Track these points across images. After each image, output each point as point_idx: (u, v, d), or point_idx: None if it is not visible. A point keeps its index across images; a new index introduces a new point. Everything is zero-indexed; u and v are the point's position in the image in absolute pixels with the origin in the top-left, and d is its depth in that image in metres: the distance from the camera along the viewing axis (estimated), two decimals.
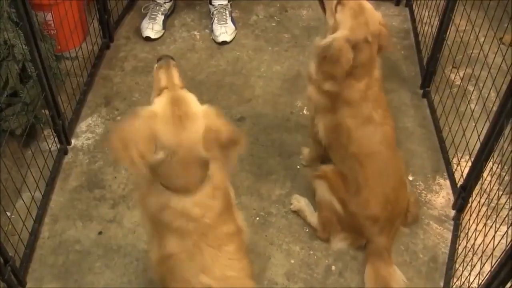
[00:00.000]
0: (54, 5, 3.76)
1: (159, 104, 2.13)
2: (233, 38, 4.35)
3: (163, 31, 4.37)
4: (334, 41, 2.74)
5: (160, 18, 4.36)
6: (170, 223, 2.23)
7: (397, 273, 2.95)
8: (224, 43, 4.29)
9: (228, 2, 4.41)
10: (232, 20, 4.38)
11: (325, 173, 3.09)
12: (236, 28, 4.39)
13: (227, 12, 4.35)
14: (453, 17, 3.53)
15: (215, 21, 4.33)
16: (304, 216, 3.24)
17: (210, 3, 4.42)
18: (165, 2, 4.40)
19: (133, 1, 4.62)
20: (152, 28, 4.29)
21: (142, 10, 4.44)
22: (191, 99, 2.18)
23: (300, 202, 3.28)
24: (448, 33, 3.61)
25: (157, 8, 4.36)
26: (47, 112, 3.38)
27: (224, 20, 4.32)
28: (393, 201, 2.97)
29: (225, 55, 4.24)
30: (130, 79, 4.03)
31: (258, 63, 4.18)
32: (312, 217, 3.20)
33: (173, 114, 2.07)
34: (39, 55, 3.07)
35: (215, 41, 4.32)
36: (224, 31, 4.28)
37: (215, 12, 4.35)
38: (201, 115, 2.12)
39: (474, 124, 3.19)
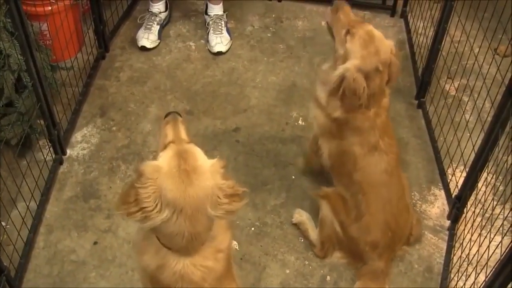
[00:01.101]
0: (49, 15, 3.76)
1: (165, 158, 2.02)
2: (229, 49, 4.36)
3: (158, 41, 4.38)
4: (348, 72, 2.72)
5: (156, 28, 4.36)
6: (168, 285, 2.10)
7: None
8: (219, 53, 4.30)
9: (224, 12, 4.41)
10: (228, 31, 4.39)
11: (327, 194, 3.08)
12: (231, 39, 4.40)
13: (222, 23, 4.36)
14: (448, 28, 3.54)
15: (211, 31, 4.33)
16: (305, 229, 3.23)
17: (206, 13, 4.43)
18: (160, 12, 4.41)
19: (128, 12, 4.63)
20: (148, 38, 4.30)
21: (138, 20, 4.45)
22: (198, 153, 2.07)
23: (302, 216, 3.27)
24: (443, 44, 3.62)
25: (153, 18, 4.36)
26: (42, 122, 3.38)
27: (220, 30, 4.32)
28: (394, 228, 2.96)
29: (220, 65, 4.25)
30: (126, 89, 4.03)
31: (253, 74, 4.18)
32: (313, 232, 3.20)
33: (179, 169, 1.96)
34: (34, 65, 3.07)
35: (210, 52, 4.33)
36: (220, 41, 4.29)
37: (210, 22, 4.36)
38: (209, 170, 2.02)
39: (469, 134, 3.21)
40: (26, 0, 3.55)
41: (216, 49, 4.29)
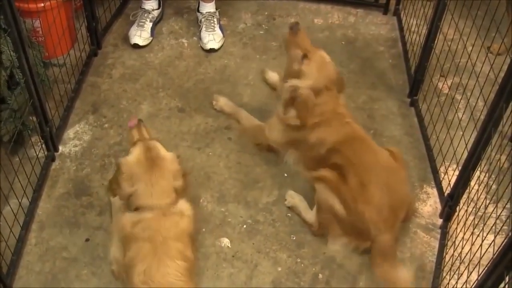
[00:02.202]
0: (42, 12, 3.76)
1: (134, 151, 2.79)
2: (221, 46, 4.36)
3: (151, 38, 4.37)
4: (302, 90, 3.25)
5: (149, 25, 4.35)
6: (138, 235, 2.68)
7: (404, 274, 2.96)
8: (212, 50, 4.29)
9: (216, 9, 4.41)
10: (220, 28, 4.39)
11: (324, 176, 3.12)
12: (224, 36, 4.40)
13: (215, 20, 4.35)
14: (441, 26, 3.54)
15: (203, 28, 4.33)
16: (299, 212, 3.29)
17: (198, 11, 4.43)
18: (153, 9, 4.40)
19: (121, 9, 4.61)
20: (140, 35, 4.29)
21: (131, 17, 4.44)
22: (159, 146, 2.84)
23: (294, 198, 3.33)
24: (436, 42, 3.63)
25: (146, 15, 4.36)
26: (34, 119, 3.37)
27: (212, 27, 4.32)
28: (392, 193, 3.03)
29: (213, 63, 4.25)
30: (118, 86, 4.02)
31: (245, 71, 4.18)
32: (307, 214, 3.25)
33: (145, 156, 2.76)
34: (27, 61, 3.06)
35: (203, 49, 4.32)
36: (212, 38, 4.29)
37: (203, 19, 4.35)
38: (168, 156, 2.81)
39: (461, 132, 3.21)
40: None
41: (209, 46, 4.28)
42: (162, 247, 2.64)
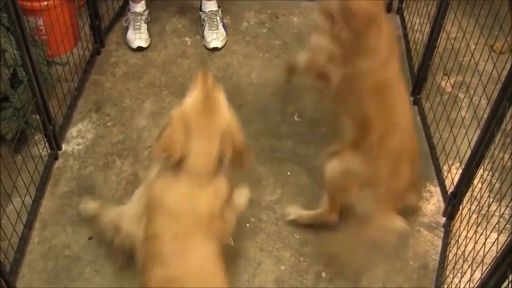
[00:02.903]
0: (45, 10, 3.76)
1: (191, 96, 2.40)
2: (224, 44, 4.35)
3: (149, 39, 4.37)
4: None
5: (144, 27, 4.35)
6: (170, 206, 2.39)
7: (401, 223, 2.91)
8: (215, 49, 4.29)
9: (219, 8, 4.41)
10: (224, 26, 4.39)
11: (339, 150, 3.02)
12: (227, 34, 4.40)
13: (218, 18, 4.35)
14: (444, 24, 3.54)
15: (206, 27, 4.33)
16: (305, 217, 3.24)
17: (201, 10, 4.42)
18: (144, 11, 4.38)
19: (124, 7, 4.60)
20: (141, 38, 4.28)
21: (123, 23, 4.42)
22: (221, 94, 2.44)
23: (294, 209, 3.29)
24: (439, 40, 3.63)
25: (139, 17, 4.34)
26: (38, 117, 3.38)
27: (216, 26, 4.32)
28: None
29: (216, 61, 4.24)
30: (121, 84, 4.02)
31: (248, 70, 4.18)
32: (313, 211, 3.21)
33: (203, 102, 2.36)
34: (30, 60, 3.06)
35: (206, 47, 4.32)
36: (216, 37, 4.29)
37: (206, 18, 4.35)
38: (227, 114, 2.42)
39: (464, 131, 3.21)
40: None
41: (212, 45, 4.28)
42: (193, 226, 2.38)
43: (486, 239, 2.62)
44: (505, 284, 2.12)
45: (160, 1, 4.60)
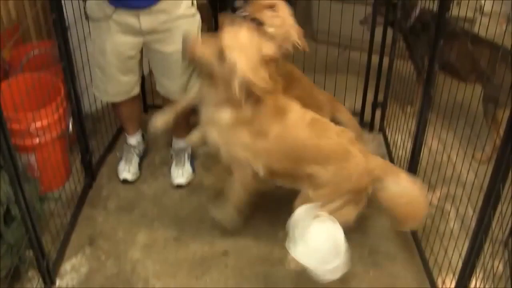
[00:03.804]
0: (37, 148, 3.84)
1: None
2: (190, 181, 4.38)
3: (138, 172, 4.43)
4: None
5: (136, 160, 4.42)
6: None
7: None
8: (179, 186, 4.33)
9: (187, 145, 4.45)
10: (191, 164, 4.45)
11: None
12: (193, 171, 4.45)
13: (186, 155, 4.42)
14: (425, 140, 3.64)
15: (173, 163, 4.40)
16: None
17: (171, 146, 4.52)
18: (139, 144, 4.48)
19: (113, 142, 4.72)
20: (129, 171, 4.34)
21: (117, 154, 4.52)
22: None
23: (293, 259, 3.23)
24: (421, 154, 3.72)
25: (132, 150, 4.43)
26: (31, 253, 3.38)
27: (182, 163, 4.39)
28: None
29: (206, 191, 4.29)
30: (114, 218, 4.05)
31: None
32: None
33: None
34: (23, 197, 3.09)
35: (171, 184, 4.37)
36: (181, 173, 4.34)
37: (173, 154, 4.44)
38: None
39: (455, 242, 3.24)
40: (15, 133, 3.61)
41: (176, 181, 4.32)
42: None
43: None
44: None
45: (150, 134, 4.69)
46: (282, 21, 3.54)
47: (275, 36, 3.51)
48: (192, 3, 3.72)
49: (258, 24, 3.49)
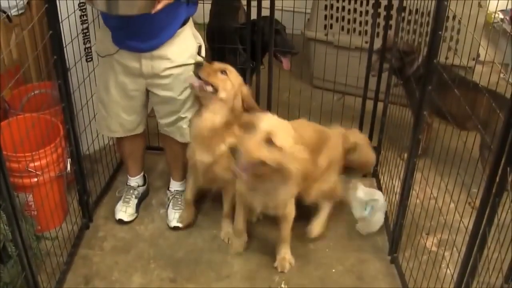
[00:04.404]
0: (35, 187, 3.88)
1: None
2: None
3: (136, 214, 4.45)
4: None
5: (134, 201, 4.45)
6: None
7: None
8: (176, 228, 4.34)
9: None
10: None
11: None
12: None
13: (182, 198, 4.44)
14: (412, 184, 3.70)
15: (170, 205, 4.42)
16: None
17: (168, 189, 4.55)
18: (139, 186, 4.52)
19: (111, 183, 4.77)
20: (125, 211, 4.37)
21: (117, 194, 4.56)
22: None
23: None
24: (409, 199, 3.76)
25: (131, 191, 4.46)
26: None
27: (179, 205, 4.41)
28: None
29: (202, 233, 4.32)
30: (110, 258, 4.07)
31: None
32: None
33: None
34: (20, 235, 3.11)
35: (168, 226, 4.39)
36: (178, 216, 4.36)
37: (170, 197, 4.47)
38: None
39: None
40: (14, 172, 3.67)
41: (173, 224, 4.34)
42: None
43: None
44: None
45: (147, 176, 4.75)
46: (232, 85, 3.74)
47: (227, 100, 3.73)
48: (199, 53, 3.83)
49: (214, 88, 3.71)
